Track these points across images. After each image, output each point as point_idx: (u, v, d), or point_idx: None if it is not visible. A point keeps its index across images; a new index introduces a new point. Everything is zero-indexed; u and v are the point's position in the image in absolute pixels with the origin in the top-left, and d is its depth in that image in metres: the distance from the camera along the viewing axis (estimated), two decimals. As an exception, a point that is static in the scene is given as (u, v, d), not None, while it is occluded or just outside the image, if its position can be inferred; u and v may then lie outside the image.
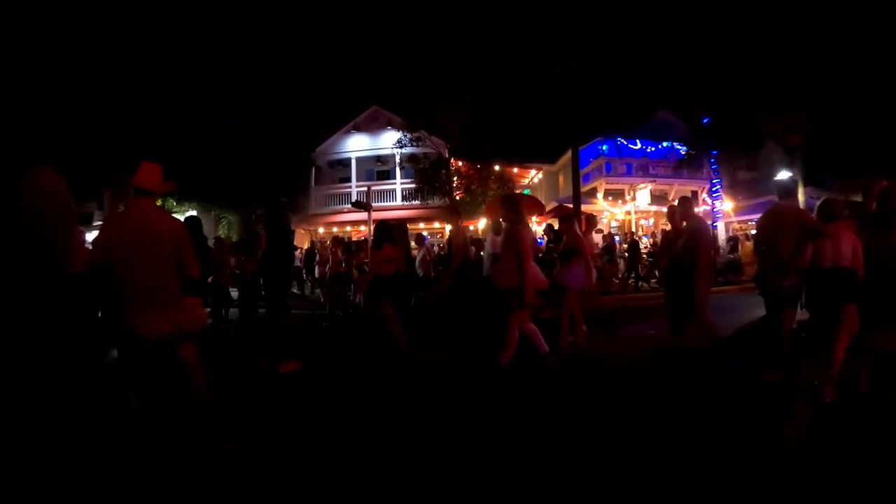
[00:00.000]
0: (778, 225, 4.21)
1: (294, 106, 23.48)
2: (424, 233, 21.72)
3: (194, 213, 18.03)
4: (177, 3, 20.21)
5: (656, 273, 13.10)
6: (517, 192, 18.77)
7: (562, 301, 5.79)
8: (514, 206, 4.93)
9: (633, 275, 13.40)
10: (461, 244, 6.47)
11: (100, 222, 24.23)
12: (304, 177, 23.05)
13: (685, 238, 5.25)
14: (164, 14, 20.02)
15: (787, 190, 4.50)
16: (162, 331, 2.92)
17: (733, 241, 16.36)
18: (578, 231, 6.06)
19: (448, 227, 20.23)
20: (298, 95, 24.23)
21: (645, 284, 13.37)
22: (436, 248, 20.65)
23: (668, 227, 7.20)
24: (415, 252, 8.95)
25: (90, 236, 12.51)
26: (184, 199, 22.21)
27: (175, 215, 4.18)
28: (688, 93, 20.08)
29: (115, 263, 2.95)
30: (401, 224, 7.28)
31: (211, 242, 8.58)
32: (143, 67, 21.06)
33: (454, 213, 8.46)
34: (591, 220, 8.29)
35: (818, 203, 4.14)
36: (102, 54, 20.60)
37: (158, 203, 3.50)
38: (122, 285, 2.94)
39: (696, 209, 5.94)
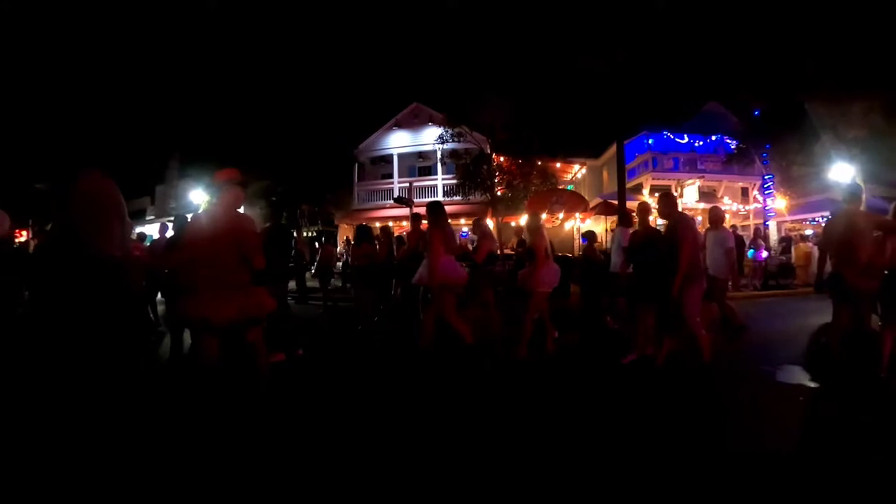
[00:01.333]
0: (852, 227, 4.13)
1: (337, 104, 23.82)
2: (464, 229, 21.91)
3: (241, 208, 18.60)
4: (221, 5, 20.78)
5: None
6: (560, 187, 18.60)
7: (526, 304, 5.67)
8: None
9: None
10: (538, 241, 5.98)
11: (151, 217, 25.39)
12: (349, 173, 23.48)
13: (665, 237, 4.91)
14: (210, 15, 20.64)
15: (855, 195, 4.37)
16: (230, 316, 3.23)
17: (786, 241, 15.54)
18: (543, 232, 5.83)
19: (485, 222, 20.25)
20: (341, 94, 24.59)
21: None
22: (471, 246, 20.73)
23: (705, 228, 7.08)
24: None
25: (142, 229, 13.18)
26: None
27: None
28: (738, 82, 19.26)
29: (192, 257, 3.34)
30: (385, 227, 8.94)
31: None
32: (194, 69, 21.82)
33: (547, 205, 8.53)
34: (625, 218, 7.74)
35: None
36: (155, 57, 21.45)
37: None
38: (196, 275, 3.29)
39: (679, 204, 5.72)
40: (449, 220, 5.72)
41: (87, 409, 2.96)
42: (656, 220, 5.58)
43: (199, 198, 23.08)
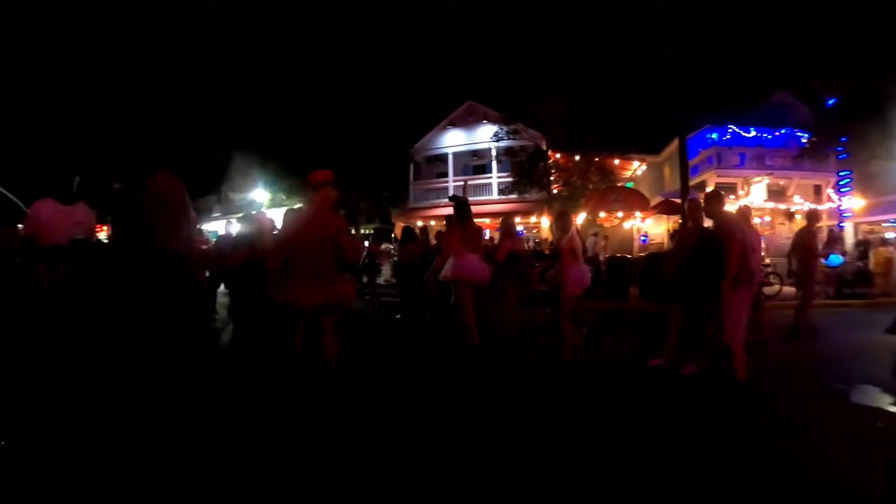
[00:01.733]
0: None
1: (393, 104, 24.19)
2: (520, 227, 21.81)
3: (302, 206, 19.26)
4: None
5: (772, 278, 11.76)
6: (619, 185, 18.22)
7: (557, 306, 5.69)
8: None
9: None
10: None
11: (217, 214, 26.64)
12: (405, 172, 23.88)
13: (711, 238, 4.66)
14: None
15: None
16: (317, 301, 3.69)
17: (863, 245, 13.75)
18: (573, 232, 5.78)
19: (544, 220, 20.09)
20: (397, 94, 24.95)
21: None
22: (531, 243, 20.70)
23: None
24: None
25: (209, 226, 13.96)
26: (294, 193, 23.77)
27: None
28: (810, 69, 18.18)
29: (290, 249, 3.80)
30: (423, 227, 10.47)
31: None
32: (258, 71, 22.74)
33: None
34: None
35: None
36: (222, 60, 22.47)
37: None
38: (292, 265, 3.77)
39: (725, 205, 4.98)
40: (474, 219, 5.90)
41: (153, 394, 3.26)
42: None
43: (261, 196, 24.07)
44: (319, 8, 23.28)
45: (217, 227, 21.01)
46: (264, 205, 22.63)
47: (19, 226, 5.95)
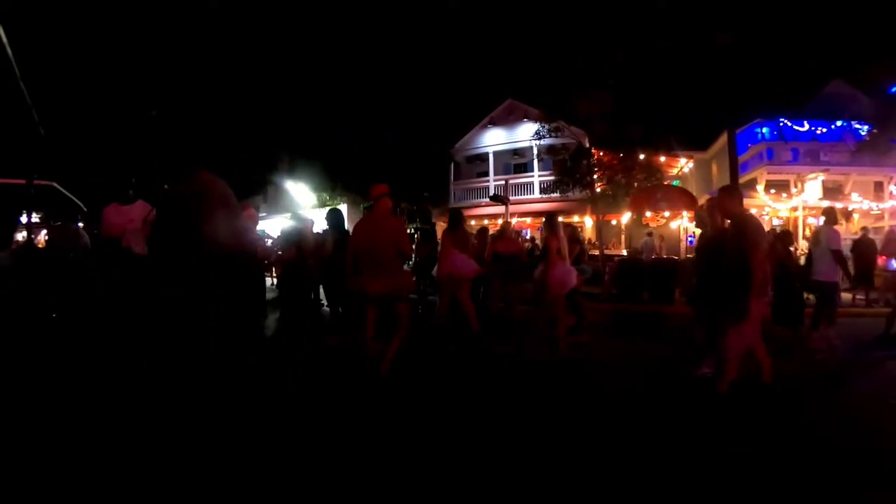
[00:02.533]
0: None
1: (433, 104, 24.38)
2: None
3: (344, 205, 19.71)
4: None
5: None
6: (665, 183, 17.87)
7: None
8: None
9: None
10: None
11: (264, 214, 27.46)
12: (445, 171, 24.05)
13: (732, 240, 4.37)
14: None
15: None
16: (382, 290, 4.56)
17: None
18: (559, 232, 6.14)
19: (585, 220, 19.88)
20: (437, 94, 25.12)
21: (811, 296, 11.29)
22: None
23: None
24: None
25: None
26: (337, 192, 24.33)
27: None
28: (868, 55, 17.27)
29: (359, 248, 4.69)
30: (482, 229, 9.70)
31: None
32: (301, 74, 23.28)
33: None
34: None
35: None
36: (264, 64, 23.09)
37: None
38: (362, 260, 4.65)
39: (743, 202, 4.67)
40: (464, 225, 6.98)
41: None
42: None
43: (305, 197, 24.69)
44: (361, 11, 23.64)
45: (263, 225, 21.69)
46: (309, 205, 23.24)
47: (80, 224, 6.93)
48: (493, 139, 23.17)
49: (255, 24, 21.50)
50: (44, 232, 12.80)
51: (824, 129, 18.82)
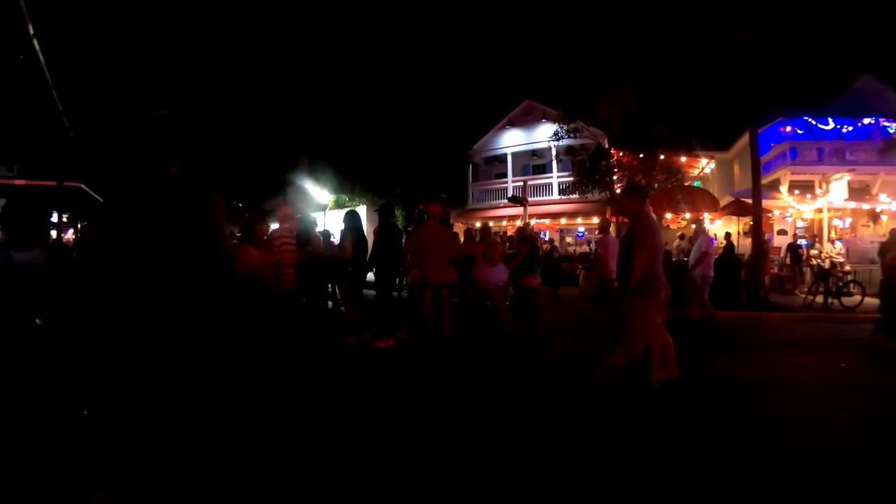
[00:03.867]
0: None
1: (451, 105, 24.48)
2: (581, 228, 21.60)
3: (363, 207, 19.94)
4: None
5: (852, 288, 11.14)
6: (686, 184, 17.71)
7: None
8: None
9: (821, 289, 11.09)
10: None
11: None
12: (463, 173, 24.14)
13: (625, 239, 4.64)
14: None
15: None
16: (440, 279, 6.27)
17: None
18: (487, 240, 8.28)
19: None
20: (454, 95, 25.23)
21: (836, 301, 10.88)
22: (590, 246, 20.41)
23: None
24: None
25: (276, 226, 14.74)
26: (356, 193, 24.58)
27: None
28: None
29: (424, 249, 6.35)
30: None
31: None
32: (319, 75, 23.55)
33: None
34: None
35: None
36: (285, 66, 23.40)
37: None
38: (423, 259, 6.35)
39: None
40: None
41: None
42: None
43: (324, 198, 24.97)
44: (379, 15, 23.83)
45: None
46: (328, 206, 23.52)
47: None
48: (512, 140, 23.18)
49: (281, 28, 21.84)
50: (70, 231, 13.22)
51: (851, 128, 18.15)
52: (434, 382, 5.14)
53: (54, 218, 10.57)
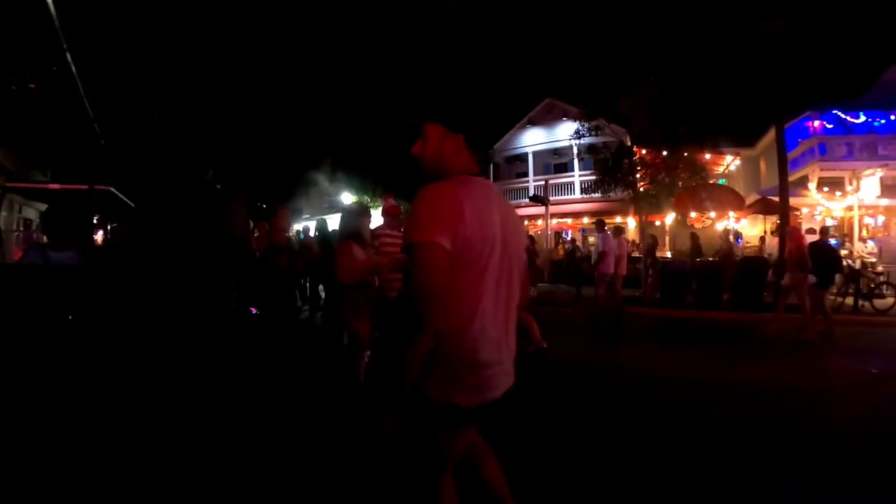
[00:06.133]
0: None
1: (472, 104, 24.50)
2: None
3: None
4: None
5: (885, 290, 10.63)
6: (711, 182, 17.47)
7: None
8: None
9: (851, 290, 10.64)
10: None
11: (307, 215, 28.30)
12: (485, 173, 24.15)
13: None
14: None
15: None
16: None
17: None
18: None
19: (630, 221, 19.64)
20: (476, 94, 25.22)
21: (867, 303, 10.36)
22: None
23: None
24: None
25: (299, 226, 15.07)
26: (378, 194, 24.81)
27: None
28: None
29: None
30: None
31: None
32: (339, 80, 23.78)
33: None
34: None
35: None
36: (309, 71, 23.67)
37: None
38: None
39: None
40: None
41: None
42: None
43: (347, 198, 25.28)
44: (401, 15, 23.94)
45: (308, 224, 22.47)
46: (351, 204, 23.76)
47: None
48: (533, 139, 23.13)
49: (303, 29, 22.13)
50: (100, 232, 13.74)
51: (883, 121, 17.68)
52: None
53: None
